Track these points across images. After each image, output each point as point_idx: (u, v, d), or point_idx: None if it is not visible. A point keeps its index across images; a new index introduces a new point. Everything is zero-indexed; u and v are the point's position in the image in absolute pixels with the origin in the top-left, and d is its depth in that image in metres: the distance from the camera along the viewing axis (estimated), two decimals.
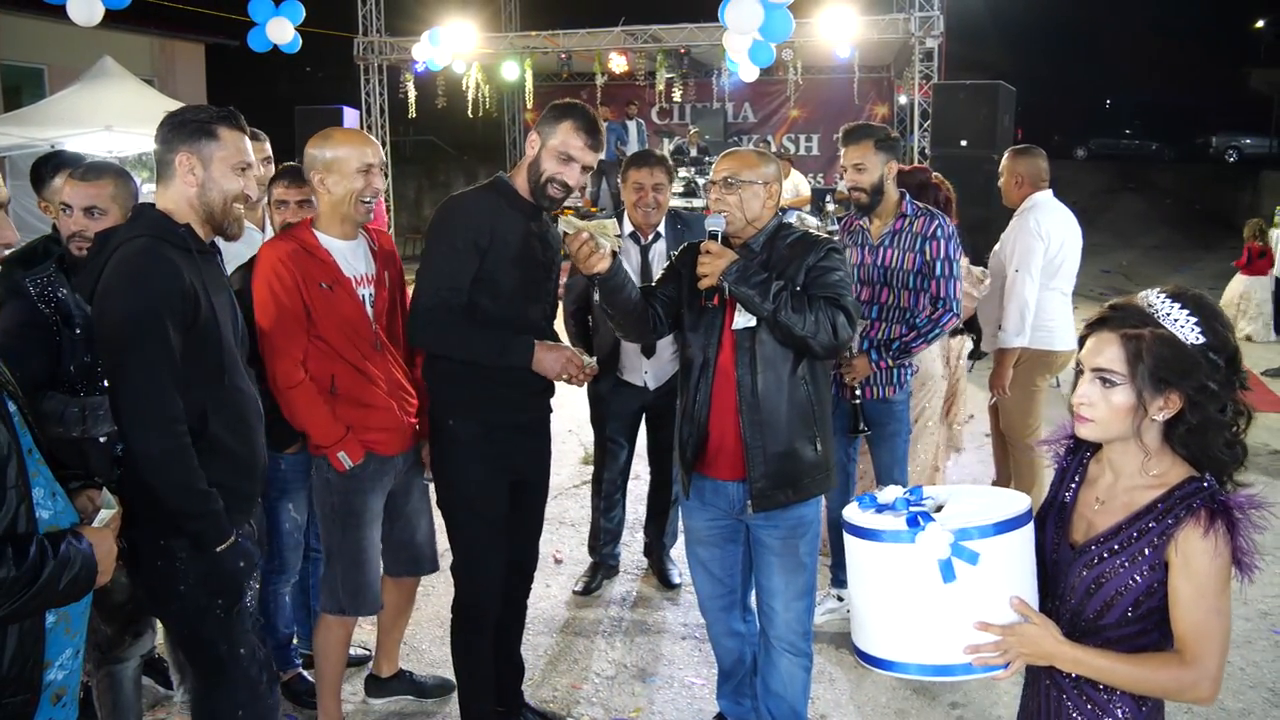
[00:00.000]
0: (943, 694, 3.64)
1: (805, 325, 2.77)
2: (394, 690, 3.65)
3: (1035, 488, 4.74)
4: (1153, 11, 35.00)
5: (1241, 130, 27.58)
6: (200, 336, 2.40)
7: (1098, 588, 1.82)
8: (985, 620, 1.77)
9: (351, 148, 3.08)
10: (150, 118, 3.38)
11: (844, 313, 2.83)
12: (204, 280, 2.43)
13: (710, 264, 2.84)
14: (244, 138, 2.52)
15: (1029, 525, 1.84)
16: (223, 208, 2.49)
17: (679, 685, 3.78)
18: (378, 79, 15.00)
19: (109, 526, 2.11)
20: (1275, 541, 5.02)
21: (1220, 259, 15.87)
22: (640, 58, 14.90)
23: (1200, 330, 1.75)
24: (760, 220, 2.98)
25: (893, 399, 4.00)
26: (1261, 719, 3.52)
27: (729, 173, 2.96)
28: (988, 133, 9.70)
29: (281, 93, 21.89)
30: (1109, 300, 1.88)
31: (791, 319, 2.77)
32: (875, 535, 1.85)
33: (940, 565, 1.76)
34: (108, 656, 2.96)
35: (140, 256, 2.35)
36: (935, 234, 3.89)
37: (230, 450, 2.51)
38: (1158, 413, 1.77)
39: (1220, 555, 1.70)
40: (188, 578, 2.46)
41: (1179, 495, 1.77)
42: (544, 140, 3.03)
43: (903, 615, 1.83)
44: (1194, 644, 1.72)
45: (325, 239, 3.10)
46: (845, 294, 2.88)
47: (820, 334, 2.79)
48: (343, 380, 3.08)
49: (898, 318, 3.94)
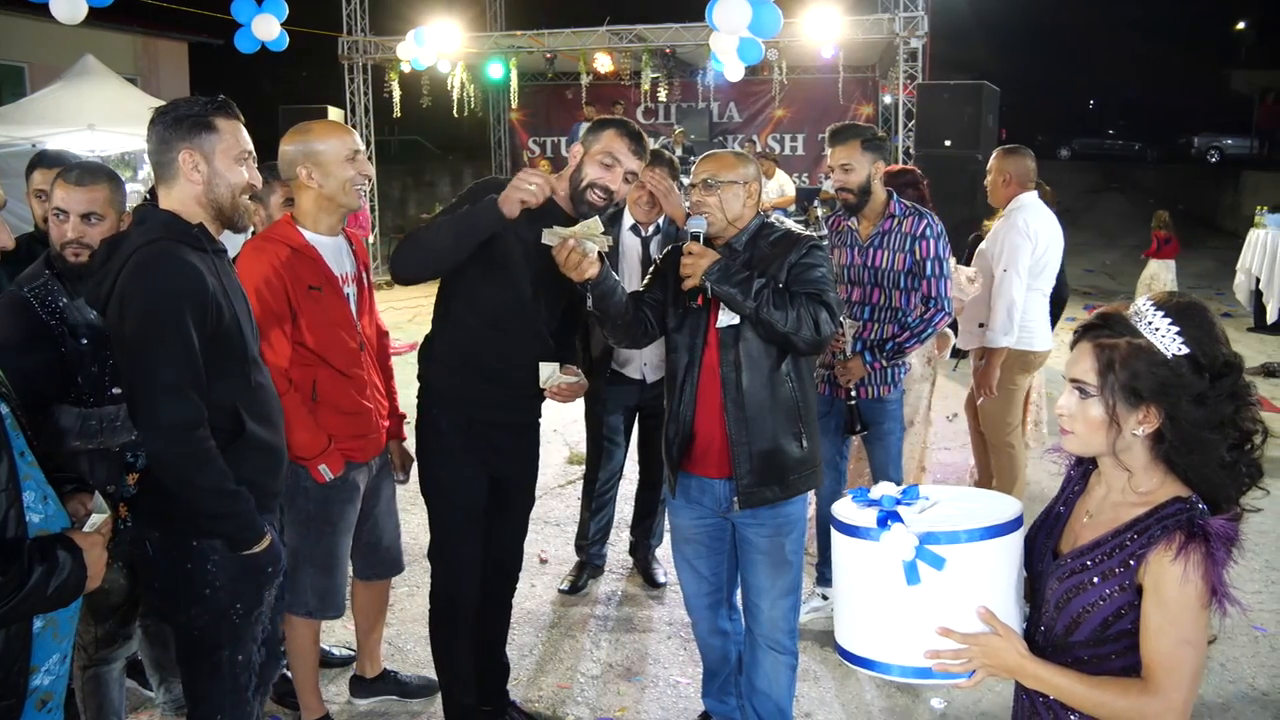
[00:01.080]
0: (927, 693, 3.66)
1: (787, 322, 2.80)
2: (378, 691, 3.65)
3: (1016, 486, 4.77)
4: (1135, 12, 35.24)
5: (1223, 131, 27.80)
6: (225, 337, 2.36)
7: (1067, 602, 1.76)
8: (948, 626, 1.73)
9: (336, 138, 3.07)
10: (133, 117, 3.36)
11: (826, 308, 2.85)
12: (221, 280, 2.39)
13: (692, 264, 2.87)
14: (240, 126, 2.45)
15: (1010, 535, 1.77)
16: (231, 201, 2.43)
17: (665, 684, 3.79)
18: (362, 78, 14.94)
19: (100, 532, 2.09)
20: (1255, 538, 5.07)
21: (1202, 258, 15.98)
22: (625, 57, 14.86)
23: (1183, 341, 1.65)
24: (741, 220, 3.01)
25: (887, 398, 4.03)
26: (1241, 714, 3.55)
27: (708, 174, 2.99)
28: (972, 133, 9.74)
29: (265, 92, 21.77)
30: (1092, 300, 1.85)
31: (773, 316, 2.80)
32: (850, 530, 1.85)
33: (905, 567, 1.74)
34: (95, 658, 2.95)
35: (161, 260, 2.28)
36: (925, 233, 3.90)
37: (264, 446, 2.48)
38: (1136, 427, 1.68)
39: (1191, 582, 1.60)
40: (216, 580, 2.41)
41: (1160, 515, 1.68)
42: (587, 148, 3.05)
43: (872, 613, 1.82)
44: (1160, 673, 1.63)
45: (312, 236, 3.08)
46: (827, 290, 2.91)
47: (803, 330, 2.81)
48: (324, 386, 3.07)
49: (889, 318, 3.96)
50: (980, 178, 5.38)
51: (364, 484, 3.25)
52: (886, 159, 4.06)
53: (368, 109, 15.08)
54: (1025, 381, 4.86)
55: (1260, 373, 8.73)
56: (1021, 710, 1.93)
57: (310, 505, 3.13)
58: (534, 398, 3.21)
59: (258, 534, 2.42)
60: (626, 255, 4.24)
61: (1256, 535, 5.11)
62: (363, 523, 3.31)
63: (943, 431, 7.05)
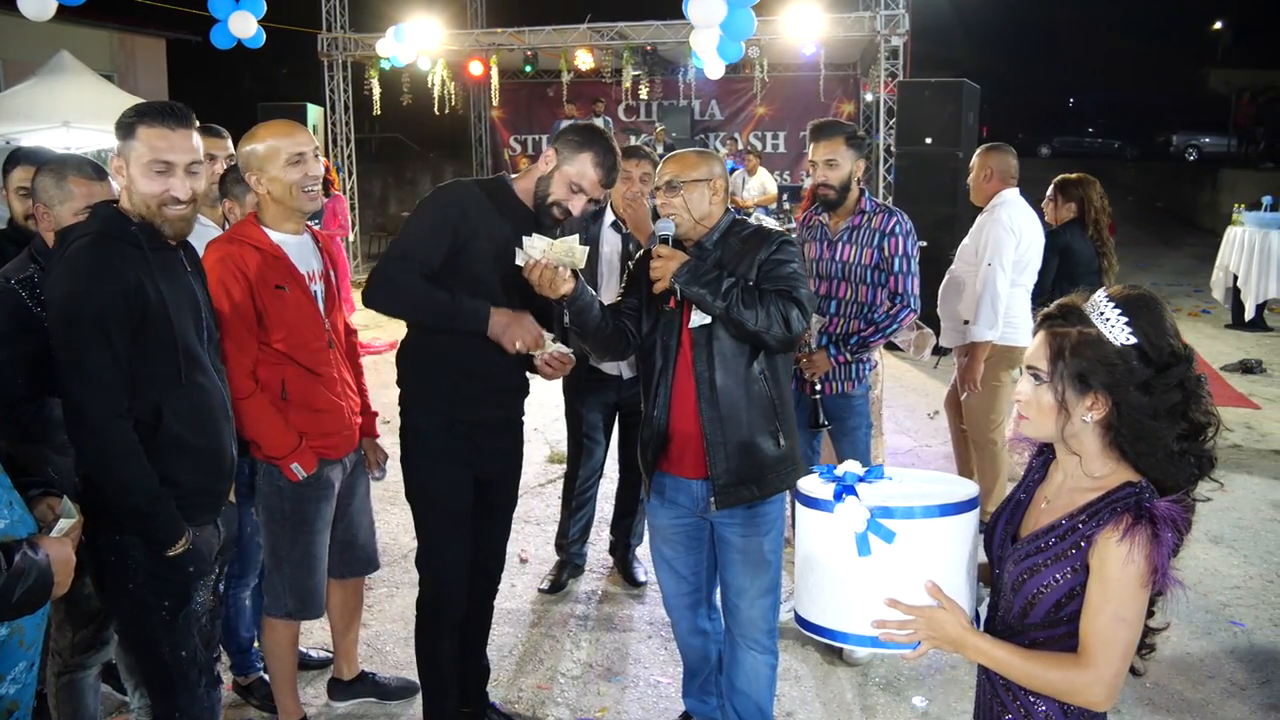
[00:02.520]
0: (907, 691, 3.66)
1: (758, 320, 2.79)
2: (357, 693, 3.62)
3: (999, 483, 4.78)
4: (1115, 12, 35.50)
5: (1201, 129, 28.06)
6: (153, 333, 2.37)
7: (1022, 584, 1.82)
8: (896, 598, 1.80)
9: (277, 139, 3.01)
10: (109, 114, 3.32)
11: (797, 305, 2.84)
12: (156, 277, 2.39)
13: (661, 267, 2.85)
14: (169, 134, 2.39)
15: (962, 516, 1.84)
16: (148, 210, 2.41)
17: (645, 684, 3.77)
18: (342, 75, 14.86)
19: (68, 536, 2.06)
20: (1234, 533, 5.10)
21: (1181, 255, 16.11)
22: (606, 55, 14.84)
23: (1130, 331, 1.71)
24: (710, 218, 2.99)
25: (852, 394, 4.02)
26: (1219, 709, 3.57)
27: (671, 175, 2.97)
28: (952, 130, 9.76)
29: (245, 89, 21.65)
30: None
31: (743, 315, 2.78)
32: (809, 502, 1.92)
33: (856, 538, 1.81)
34: (70, 663, 2.91)
35: (79, 255, 2.32)
36: (894, 230, 3.91)
37: (193, 447, 2.48)
38: (1085, 414, 1.75)
39: (1133, 563, 1.67)
40: (137, 576, 2.44)
41: (1110, 499, 1.74)
42: (560, 163, 3.01)
43: (826, 582, 1.88)
44: (1093, 647, 1.70)
45: (276, 235, 3.05)
46: (798, 286, 2.89)
47: (773, 328, 2.80)
48: (293, 385, 3.04)
49: (855, 313, 3.97)
50: (961, 175, 5.41)
51: (339, 482, 3.22)
52: (867, 158, 4.07)
53: (348, 106, 15.00)
54: (1009, 377, 4.87)
55: (1238, 369, 8.79)
56: (984, 694, 1.98)
57: (285, 505, 3.10)
58: (516, 392, 3.19)
59: (175, 535, 2.42)
60: (606, 251, 4.23)
61: (1234, 530, 5.14)
62: (337, 520, 3.28)
63: (923, 428, 7.08)
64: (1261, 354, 9.35)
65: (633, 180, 4.16)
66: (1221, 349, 9.68)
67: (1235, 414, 7.41)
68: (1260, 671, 3.81)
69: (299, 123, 3.17)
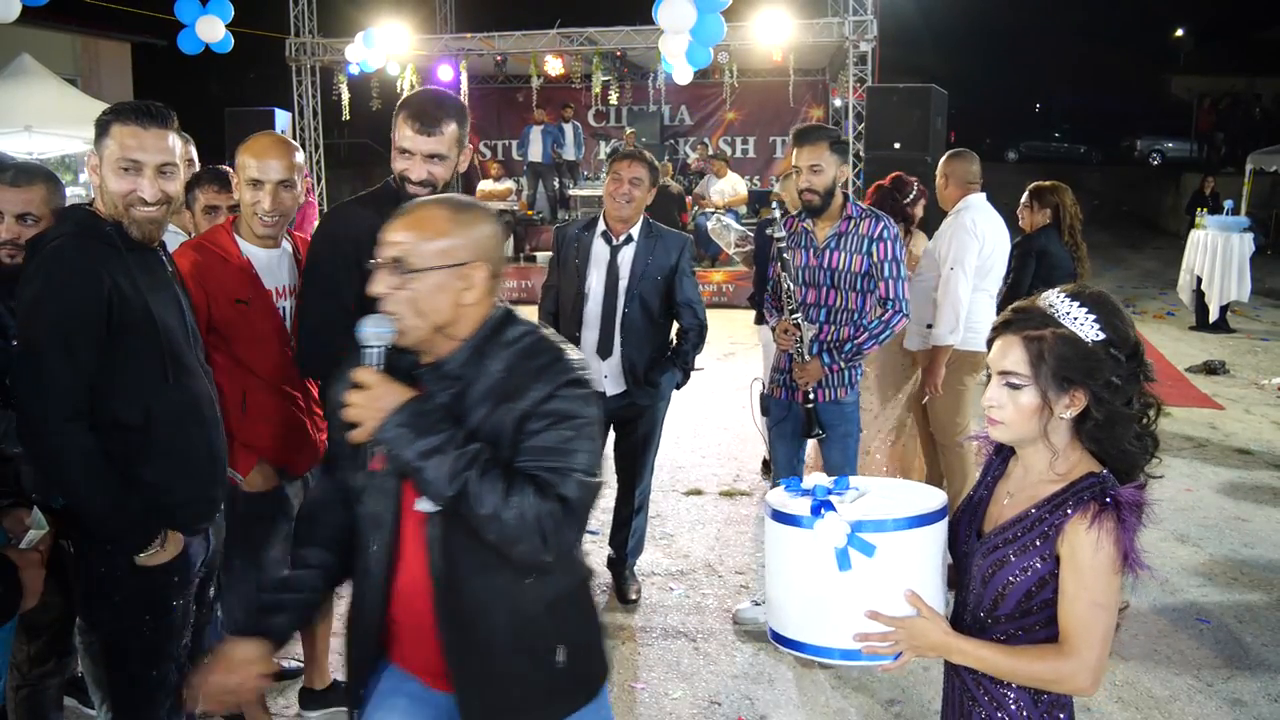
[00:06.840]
0: (881, 691, 3.67)
1: (498, 528, 1.74)
2: (329, 702, 3.58)
3: (966, 487, 4.79)
4: (1079, 18, 35.97)
5: (1164, 134, 28.49)
6: (136, 334, 2.31)
7: (991, 576, 1.86)
8: (877, 610, 1.81)
9: (248, 156, 2.95)
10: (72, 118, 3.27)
11: (565, 505, 1.76)
12: (135, 278, 2.34)
13: (363, 407, 1.78)
14: (140, 133, 2.33)
15: (937, 524, 1.87)
16: (115, 209, 2.36)
17: (621, 689, 3.76)
18: (310, 80, 14.77)
19: (38, 549, 2.03)
20: (1200, 531, 5.17)
21: (1146, 258, 16.32)
22: (576, 60, 14.85)
23: (1100, 327, 1.78)
24: (461, 323, 1.86)
25: (844, 400, 4.02)
26: (1187, 705, 3.61)
27: (398, 250, 1.82)
28: (921, 135, 9.86)
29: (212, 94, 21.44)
30: None
31: (477, 515, 1.73)
32: (784, 518, 1.90)
33: (836, 554, 1.80)
34: (29, 677, 2.86)
35: (54, 258, 2.27)
36: (882, 235, 3.91)
37: (184, 452, 2.42)
38: (1064, 410, 1.80)
39: (1103, 549, 1.72)
40: (124, 588, 2.37)
41: (1075, 489, 1.80)
42: (393, 141, 2.81)
43: (804, 598, 1.88)
44: (1074, 636, 1.75)
45: (247, 247, 3.01)
46: (572, 470, 1.79)
47: (522, 543, 1.75)
48: (254, 397, 2.99)
49: (846, 320, 3.96)
50: (929, 180, 5.47)
51: (297, 498, 3.16)
52: (847, 163, 4.08)
53: (316, 111, 14.92)
54: (973, 381, 4.91)
55: (1202, 370, 8.91)
56: (953, 690, 2.00)
57: (237, 519, 3.03)
58: None
59: (143, 540, 2.36)
60: (595, 263, 4.20)
61: (1199, 529, 5.21)
62: None
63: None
64: (1225, 355, 9.49)
65: (621, 181, 4.13)
66: (1186, 350, 9.81)
67: (1200, 414, 7.51)
68: (1226, 668, 3.86)
69: (288, 146, 3.04)
